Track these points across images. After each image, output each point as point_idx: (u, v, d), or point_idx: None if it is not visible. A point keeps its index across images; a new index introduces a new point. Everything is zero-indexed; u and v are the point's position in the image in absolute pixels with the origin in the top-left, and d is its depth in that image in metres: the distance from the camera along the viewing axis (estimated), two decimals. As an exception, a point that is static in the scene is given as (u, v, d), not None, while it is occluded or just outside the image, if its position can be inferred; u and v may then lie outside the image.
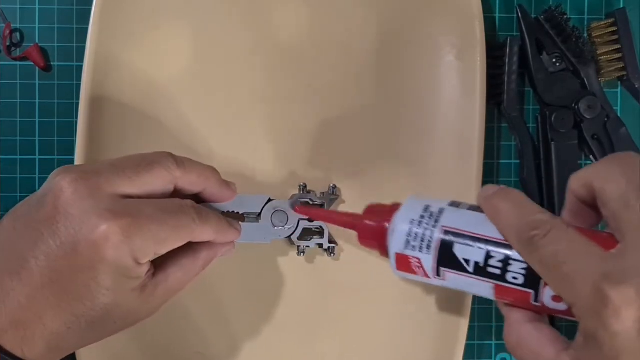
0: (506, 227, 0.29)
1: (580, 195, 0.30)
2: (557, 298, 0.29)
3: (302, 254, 0.42)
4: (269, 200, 0.40)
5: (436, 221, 0.31)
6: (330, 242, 0.42)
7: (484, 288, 0.30)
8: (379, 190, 0.43)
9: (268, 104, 0.43)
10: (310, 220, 0.40)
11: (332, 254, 0.42)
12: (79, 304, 0.32)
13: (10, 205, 0.37)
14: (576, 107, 0.44)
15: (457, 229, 0.31)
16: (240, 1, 0.43)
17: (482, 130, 0.42)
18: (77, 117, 0.42)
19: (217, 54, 0.43)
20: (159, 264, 0.36)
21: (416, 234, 0.31)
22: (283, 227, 0.40)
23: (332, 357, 0.43)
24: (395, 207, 0.33)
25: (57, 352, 0.33)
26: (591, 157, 0.45)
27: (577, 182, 0.30)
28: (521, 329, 0.30)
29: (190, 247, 0.38)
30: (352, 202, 0.43)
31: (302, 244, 0.41)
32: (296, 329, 0.43)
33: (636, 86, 0.44)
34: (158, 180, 0.35)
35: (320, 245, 0.42)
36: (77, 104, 0.42)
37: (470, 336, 0.43)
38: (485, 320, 0.45)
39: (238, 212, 0.39)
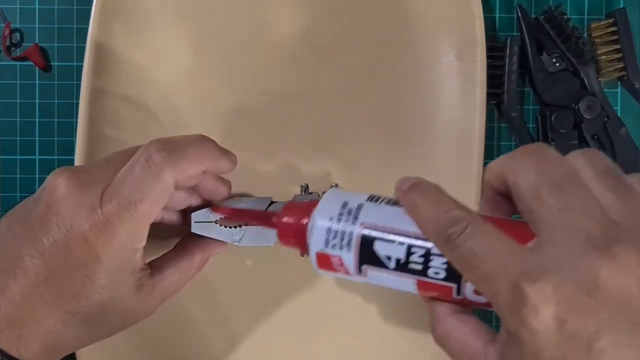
0: (424, 224, 0.29)
1: (495, 186, 0.29)
2: (476, 293, 0.28)
3: (305, 254, 0.42)
4: (272, 202, 0.40)
5: (355, 218, 0.30)
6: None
7: (406, 284, 0.30)
8: (379, 189, 0.42)
9: (268, 104, 0.43)
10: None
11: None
12: (74, 302, 0.33)
13: (10, 205, 0.37)
14: (576, 107, 0.44)
15: (376, 225, 0.30)
16: (240, 1, 0.43)
17: (482, 130, 0.42)
18: (77, 117, 0.42)
19: (217, 55, 0.43)
20: (155, 265, 0.36)
21: (336, 232, 0.31)
22: None
23: (329, 357, 0.43)
24: (313, 204, 0.33)
25: (54, 352, 0.33)
26: (591, 157, 0.45)
27: (492, 173, 0.29)
28: (446, 321, 0.30)
29: (185, 249, 0.38)
30: (353, 202, 0.43)
31: (304, 244, 0.41)
32: (296, 330, 0.43)
33: (636, 86, 0.44)
34: None
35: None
36: (77, 104, 0.42)
37: (470, 336, 0.43)
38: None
39: None
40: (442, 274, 0.29)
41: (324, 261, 0.32)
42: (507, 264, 0.25)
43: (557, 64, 0.44)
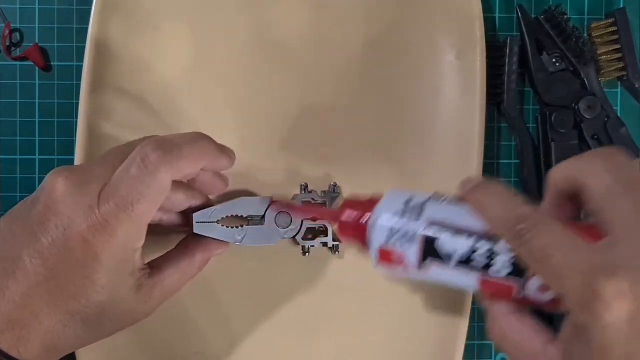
0: (493, 221, 0.29)
1: (562, 188, 0.30)
2: (541, 290, 0.29)
3: (307, 254, 0.42)
4: (272, 202, 0.40)
5: (419, 214, 0.31)
6: (334, 240, 0.41)
7: (468, 281, 0.30)
8: (379, 189, 0.42)
9: (268, 104, 0.43)
10: (313, 220, 0.40)
11: (337, 252, 0.42)
12: (74, 302, 0.33)
13: (10, 205, 0.37)
14: (576, 107, 0.44)
15: (440, 222, 0.30)
16: (241, 1, 0.43)
17: (482, 130, 0.42)
18: (77, 117, 0.42)
19: (217, 54, 0.43)
20: (155, 265, 0.36)
21: (399, 228, 0.31)
22: (287, 228, 0.40)
23: (329, 357, 0.43)
24: (375, 200, 0.33)
25: (54, 352, 0.33)
26: (591, 157, 0.45)
27: (559, 175, 0.30)
28: (504, 321, 0.30)
29: (186, 249, 0.38)
30: (353, 202, 0.43)
31: (307, 243, 0.41)
32: (296, 330, 0.43)
33: (636, 86, 0.44)
34: None
35: (325, 244, 0.41)
36: (77, 103, 0.42)
37: (470, 336, 0.43)
38: (486, 320, 0.45)
39: (242, 216, 0.39)
40: (505, 272, 0.29)
41: (386, 257, 0.32)
42: (580, 259, 0.25)
43: (557, 64, 0.44)
